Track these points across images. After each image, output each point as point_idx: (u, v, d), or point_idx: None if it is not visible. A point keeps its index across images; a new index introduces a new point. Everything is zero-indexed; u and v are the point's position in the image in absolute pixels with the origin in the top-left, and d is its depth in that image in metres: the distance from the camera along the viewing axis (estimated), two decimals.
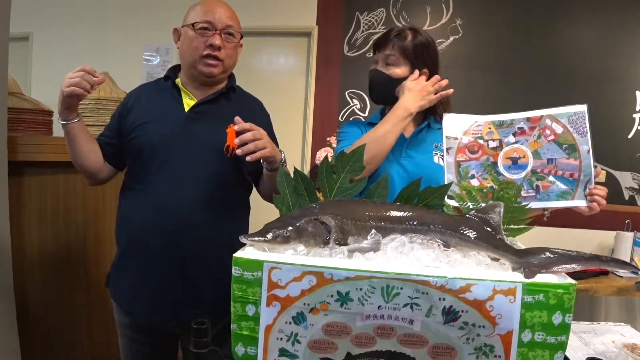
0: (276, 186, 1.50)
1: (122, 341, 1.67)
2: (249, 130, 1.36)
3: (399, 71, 1.55)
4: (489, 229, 0.96)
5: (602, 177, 3.29)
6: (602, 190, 1.33)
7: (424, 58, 1.56)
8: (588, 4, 3.33)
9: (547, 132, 1.37)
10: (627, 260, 3.01)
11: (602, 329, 1.43)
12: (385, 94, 1.59)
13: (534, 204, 1.33)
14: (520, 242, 1.04)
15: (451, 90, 1.51)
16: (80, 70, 1.40)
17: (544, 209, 1.38)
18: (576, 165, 1.34)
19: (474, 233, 0.95)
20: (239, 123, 1.37)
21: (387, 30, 1.60)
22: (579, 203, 1.34)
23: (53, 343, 2.28)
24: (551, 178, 1.34)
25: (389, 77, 1.56)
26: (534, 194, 1.34)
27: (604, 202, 1.33)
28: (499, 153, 1.38)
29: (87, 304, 2.38)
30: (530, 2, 3.37)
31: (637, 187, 3.34)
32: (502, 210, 0.98)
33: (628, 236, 3.05)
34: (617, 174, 3.33)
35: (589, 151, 1.33)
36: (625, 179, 3.34)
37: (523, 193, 1.33)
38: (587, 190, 1.33)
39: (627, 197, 3.35)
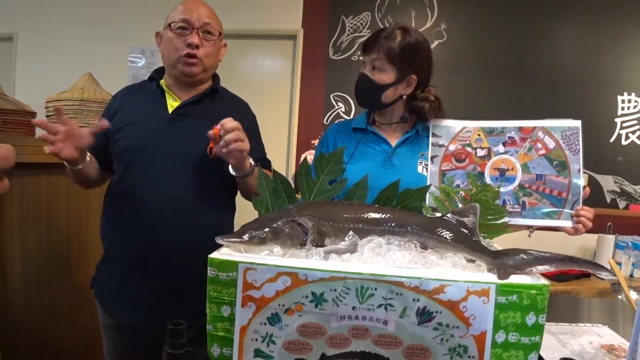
0: (250, 190, 1.50)
1: (107, 342, 1.66)
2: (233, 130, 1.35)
3: (385, 77, 1.48)
4: (465, 230, 0.97)
5: (585, 181, 3.33)
6: (589, 212, 1.30)
7: (411, 62, 1.49)
8: (571, 9, 3.36)
9: (539, 145, 1.34)
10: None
11: (579, 330, 1.45)
12: (369, 100, 1.55)
13: (519, 221, 1.31)
14: (502, 244, 1.04)
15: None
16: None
17: (529, 226, 1.36)
18: (565, 184, 1.31)
19: (450, 235, 0.96)
20: (224, 124, 1.35)
21: (377, 31, 1.53)
22: (565, 223, 1.31)
23: (35, 345, 2.26)
24: (538, 195, 1.32)
25: (374, 84, 1.49)
26: (519, 210, 1.32)
27: (590, 224, 1.31)
28: (487, 163, 1.35)
29: (70, 306, 2.36)
30: (514, 7, 3.40)
31: (619, 191, 3.38)
32: (478, 212, 0.99)
33: (610, 239, 3.08)
34: (599, 177, 3.37)
35: (579, 170, 1.31)
36: (607, 182, 3.38)
37: (509, 208, 1.31)
38: (574, 210, 1.31)
39: (609, 201, 3.39)
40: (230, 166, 1.44)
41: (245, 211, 1.68)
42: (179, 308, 1.50)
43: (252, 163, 1.48)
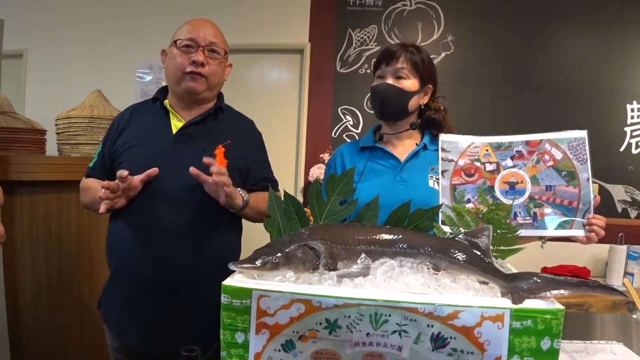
0: (249, 219, 1.51)
1: None
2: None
3: (409, 84, 1.52)
4: (478, 252, 0.96)
5: (595, 191, 3.30)
6: (601, 220, 1.30)
7: (429, 72, 1.56)
8: (578, 19, 3.36)
9: (546, 157, 1.34)
10: (621, 273, 3.01)
11: (594, 348, 1.43)
12: (397, 107, 1.55)
13: (531, 232, 1.31)
14: (514, 255, 1.04)
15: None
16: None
17: (541, 238, 1.36)
18: (575, 193, 1.31)
19: (463, 256, 0.95)
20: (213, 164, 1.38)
21: (391, 45, 1.57)
22: (577, 233, 1.31)
23: None
24: (549, 206, 1.31)
25: (403, 91, 1.52)
26: (531, 221, 1.31)
27: (602, 232, 1.30)
28: (496, 177, 1.36)
29: (79, 324, 2.37)
30: (522, 18, 3.39)
31: (630, 200, 3.35)
32: (491, 233, 0.99)
33: (621, 249, 3.05)
34: (609, 187, 3.34)
35: (588, 179, 1.30)
36: (618, 192, 3.36)
37: (520, 220, 1.31)
38: (586, 219, 1.30)
39: (620, 210, 3.36)
40: None
41: (254, 232, 1.68)
42: (185, 332, 1.49)
43: (245, 199, 1.51)
